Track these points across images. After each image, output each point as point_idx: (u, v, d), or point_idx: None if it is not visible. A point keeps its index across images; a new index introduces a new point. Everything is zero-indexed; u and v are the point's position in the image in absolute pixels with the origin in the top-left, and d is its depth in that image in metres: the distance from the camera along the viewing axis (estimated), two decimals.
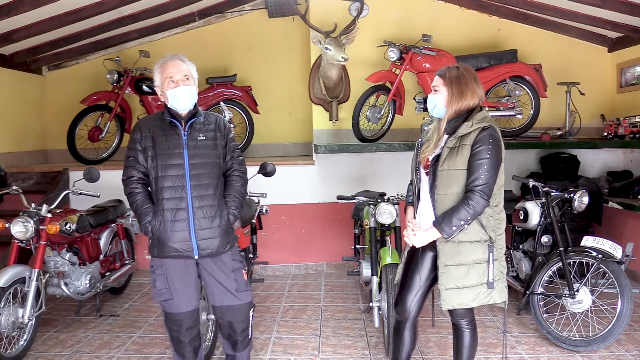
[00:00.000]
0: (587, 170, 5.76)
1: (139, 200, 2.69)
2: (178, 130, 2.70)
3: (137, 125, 2.77)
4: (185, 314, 2.74)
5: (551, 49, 5.88)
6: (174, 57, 2.73)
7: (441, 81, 2.54)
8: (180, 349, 2.81)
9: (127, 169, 2.73)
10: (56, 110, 6.37)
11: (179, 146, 2.67)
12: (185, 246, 2.66)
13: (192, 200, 2.65)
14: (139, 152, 2.70)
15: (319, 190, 5.55)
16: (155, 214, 2.67)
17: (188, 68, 2.71)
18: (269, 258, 5.22)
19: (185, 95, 2.67)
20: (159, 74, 2.72)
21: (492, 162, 2.40)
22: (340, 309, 4.43)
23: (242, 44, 6.54)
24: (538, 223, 3.89)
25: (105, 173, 4.46)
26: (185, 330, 2.77)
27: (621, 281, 3.41)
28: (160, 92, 2.74)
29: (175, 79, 2.66)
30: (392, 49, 5.10)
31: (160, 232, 2.65)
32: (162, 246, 2.67)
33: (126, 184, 2.73)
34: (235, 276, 2.80)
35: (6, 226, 3.55)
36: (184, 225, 2.64)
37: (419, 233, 2.56)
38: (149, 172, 2.70)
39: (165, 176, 2.65)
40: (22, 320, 3.37)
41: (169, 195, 2.65)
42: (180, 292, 2.71)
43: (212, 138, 2.75)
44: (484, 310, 4.24)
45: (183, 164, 2.66)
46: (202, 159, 2.70)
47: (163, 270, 2.72)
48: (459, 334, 2.68)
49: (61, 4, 4.71)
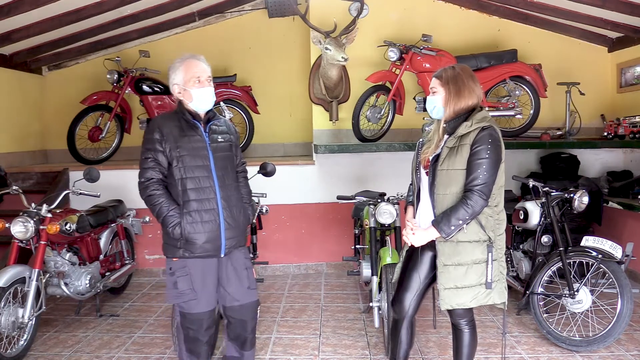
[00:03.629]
0: (587, 170, 5.76)
1: (164, 202, 2.63)
2: (199, 131, 2.70)
3: (155, 125, 2.68)
4: (205, 313, 2.72)
5: (551, 49, 5.88)
6: (198, 57, 2.72)
7: (438, 82, 2.55)
8: (197, 349, 2.77)
9: (146, 170, 2.65)
10: (56, 110, 6.37)
11: (203, 147, 2.68)
12: (215, 245, 2.68)
13: (221, 200, 2.68)
14: (160, 152, 2.64)
15: (319, 190, 5.56)
16: (182, 215, 2.63)
17: (210, 70, 2.75)
18: (269, 258, 5.22)
19: (210, 96, 2.70)
20: (182, 71, 2.67)
21: (491, 162, 2.40)
22: (340, 309, 4.43)
23: (242, 44, 6.54)
24: (538, 223, 3.89)
25: (105, 173, 4.47)
26: (204, 330, 2.75)
27: (621, 281, 3.41)
28: (180, 91, 2.69)
29: (202, 79, 2.67)
30: (392, 49, 5.10)
31: (190, 234, 2.62)
32: (191, 247, 2.64)
33: (146, 186, 2.66)
34: (247, 274, 2.85)
35: (6, 226, 3.55)
36: (213, 226, 2.65)
37: (418, 233, 2.56)
38: (171, 173, 2.66)
39: (193, 177, 2.64)
40: (22, 320, 3.37)
41: (197, 196, 2.64)
42: (201, 291, 2.70)
43: (228, 140, 2.82)
44: (484, 310, 4.24)
45: (209, 165, 2.68)
46: (224, 160, 2.76)
47: (186, 271, 2.68)
48: (459, 334, 2.68)
49: (61, 4, 4.71)
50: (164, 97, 5.76)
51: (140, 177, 2.69)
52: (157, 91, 5.72)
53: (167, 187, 2.69)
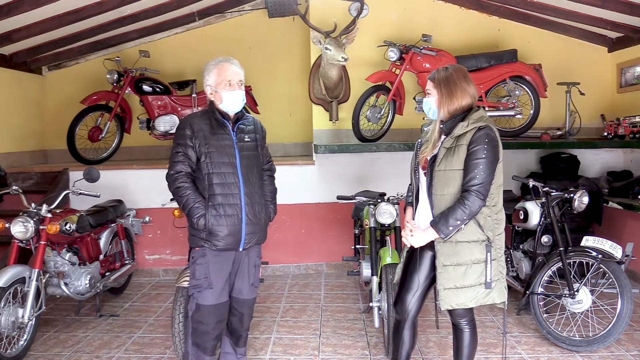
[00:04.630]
0: (587, 170, 5.76)
1: (190, 194, 2.77)
2: (227, 130, 2.85)
3: (187, 122, 2.83)
4: (217, 305, 2.83)
5: (551, 49, 5.88)
6: (231, 61, 2.85)
7: (432, 84, 2.57)
8: (204, 343, 2.86)
9: (176, 164, 2.80)
10: (56, 110, 6.37)
11: (230, 146, 2.83)
12: (236, 239, 2.81)
13: (244, 196, 2.81)
14: (190, 147, 2.78)
15: (319, 190, 5.56)
16: (207, 208, 2.76)
17: (242, 73, 2.87)
18: (269, 258, 5.21)
19: (240, 98, 2.84)
20: (214, 74, 2.82)
21: (488, 161, 2.40)
22: (340, 309, 4.43)
23: (242, 44, 6.54)
24: (538, 223, 3.89)
25: (105, 173, 4.47)
26: (215, 323, 2.85)
27: (621, 281, 3.41)
28: (211, 92, 2.84)
29: (232, 82, 2.80)
30: (392, 49, 5.10)
31: (213, 226, 2.76)
32: (213, 238, 2.78)
33: (175, 178, 2.80)
34: (255, 271, 3.01)
35: (6, 226, 3.55)
36: (235, 220, 2.79)
37: (416, 234, 2.56)
38: (199, 168, 2.80)
39: (219, 173, 2.78)
40: (22, 320, 3.37)
41: (222, 191, 2.78)
42: (216, 282, 2.82)
43: (254, 139, 2.95)
44: (484, 310, 4.24)
45: (235, 163, 2.82)
46: (249, 159, 2.89)
47: (205, 260, 2.81)
48: (459, 333, 2.68)
49: (61, 4, 4.71)
50: (164, 97, 5.76)
51: (169, 169, 2.83)
52: (157, 91, 5.72)
53: (194, 180, 2.83)
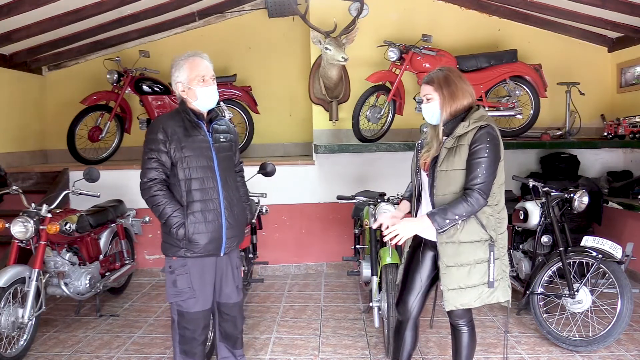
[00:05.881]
0: (587, 170, 5.76)
1: (167, 202, 2.61)
2: (202, 131, 2.69)
3: (159, 125, 2.64)
4: (203, 312, 2.74)
5: (551, 49, 5.88)
6: (202, 56, 2.70)
7: (431, 88, 2.51)
8: (192, 349, 2.77)
9: (149, 170, 2.62)
10: (56, 110, 6.37)
11: (207, 148, 2.68)
12: (217, 245, 2.70)
13: (223, 200, 2.69)
14: (163, 153, 2.61)
15: (319, 190, 5.56)
16: (186, 216, 2.62)
17: (212, 67, 2.74)
18: (269, 258, 5.22)
19: (214, 94, 2.71)
20: (185, 70, 2.65)
21: (490, 160, 2.39)
22: (340, 309, 4.43)
23: (242, 44, 6.54)
24: (538, 223, 3.89)
25: (105, 173, 4.47)
26: (201, 329, 2.76)
27: (621, 281, 3.41)
28: (183, 89, 2.67)
29: (206, 78, 2.66)
30: (392, 49, 5.10)
31: (193, 234, 2.62)
32: (193, 246, 2.65)
33: (149, 186, 2.63)
34: (237, 272, 2.89)
35: (6, 226, 3.55)
36: (216, 226, 2.67)
37: (405, 222, 2.49)
38: (175, 174, 2.64)
39: (197, 178, 2.64)
40: (22, 320, 3.37)
41: (201, 197, 2.64)
42: (200, 290, 2.71)
43: (229, 139, 2.83)
44: (484, 310, 4.24)
45: (213, 166, 2.68)
46: (226, 161, 2.77)
47: (186, 269, 2.68)
48: (458, 334, 2.68)
49: (61, 4, 4.71)
50: (163, 97, 5.75)
51: (142, 177, 2.66)
52: (157, 91, 5.72)
53: (169, 187, 2.67)
